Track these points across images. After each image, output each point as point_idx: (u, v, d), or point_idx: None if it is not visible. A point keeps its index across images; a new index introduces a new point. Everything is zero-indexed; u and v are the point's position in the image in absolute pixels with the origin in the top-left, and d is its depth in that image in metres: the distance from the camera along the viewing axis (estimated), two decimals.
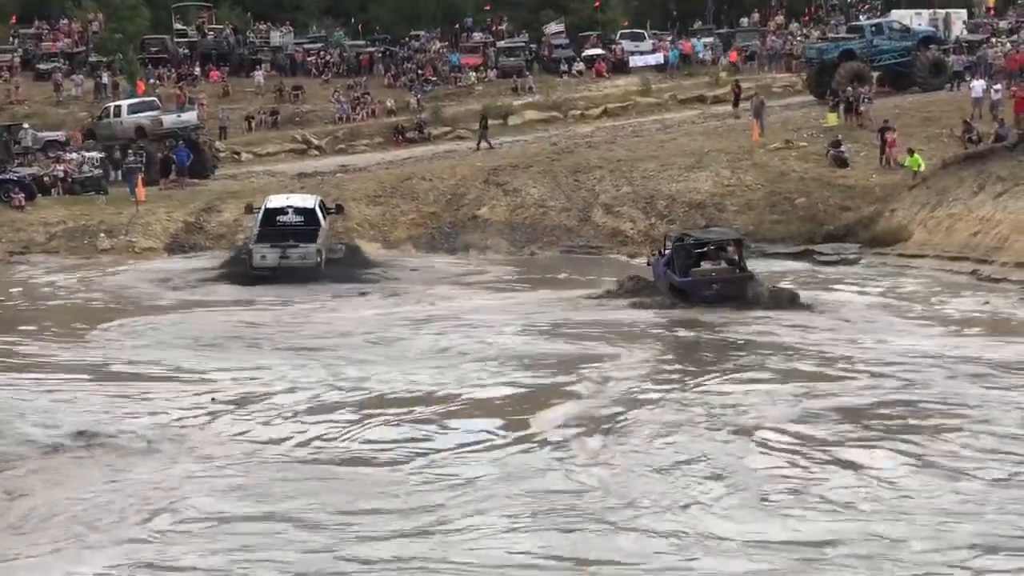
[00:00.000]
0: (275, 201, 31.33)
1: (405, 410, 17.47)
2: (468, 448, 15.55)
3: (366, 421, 16.93)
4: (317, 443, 15.95)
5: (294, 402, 18.08)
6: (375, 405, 17.80)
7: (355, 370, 20.15)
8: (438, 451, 15.43)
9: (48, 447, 15.44)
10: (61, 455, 15.16)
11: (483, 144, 43.96)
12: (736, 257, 25.44)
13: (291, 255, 29.14)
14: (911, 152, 34.24)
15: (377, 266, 31.55)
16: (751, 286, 24.75)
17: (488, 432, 16.25)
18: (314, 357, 21.39)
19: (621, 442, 15.41)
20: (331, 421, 16.98)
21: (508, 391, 18.58)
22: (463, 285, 29.85)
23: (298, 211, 30.37)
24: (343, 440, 16.06)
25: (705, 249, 25.39)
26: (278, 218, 30.23)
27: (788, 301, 24.66)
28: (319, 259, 29.41)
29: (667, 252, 25.89)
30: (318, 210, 30.70)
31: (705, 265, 25.02)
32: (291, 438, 16.17)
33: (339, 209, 32.72)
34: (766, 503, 13.00)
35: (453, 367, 20.33)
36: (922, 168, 33.52)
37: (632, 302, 25.49)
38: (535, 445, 15.54)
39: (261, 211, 30.85)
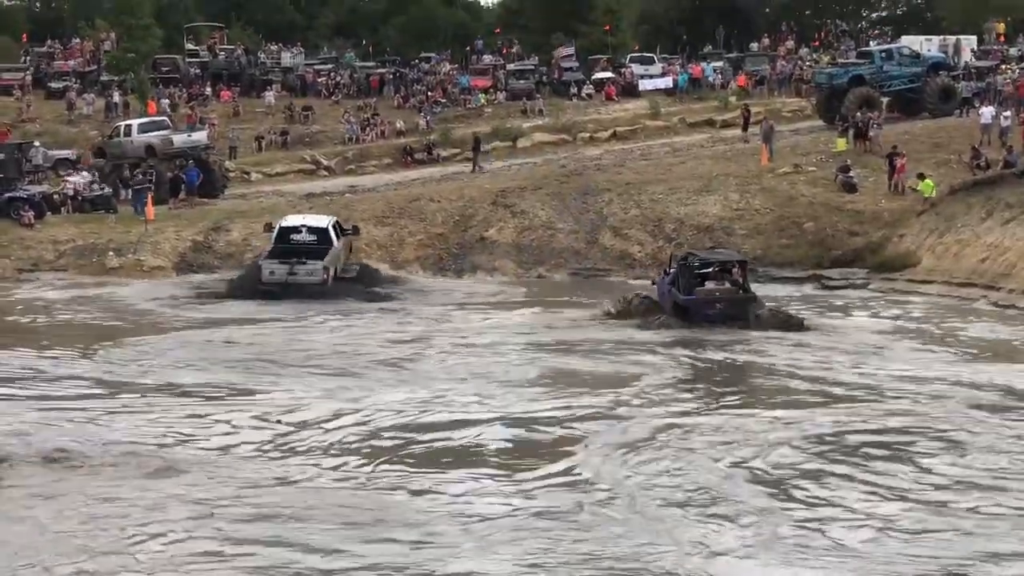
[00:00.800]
0: (290, 220, 32.02)
1: (426, 434, 17.23)
2: (485, 480, 15.15)
3: (389, 446, 16.65)
4: (342, 468, 15.59)
5: (317, 424, 17.71)
6: (395, 430, 17.56)
7: (379, 392, 19.93)
8: (457, 480, 15.04)
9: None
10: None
11: (477, 167, 44.33)
12: (740, 279, 25.76)
13: (298, 271, 29.75)
14: (922, 177, 34.18)
15: (393, 286, 31.76)
16: (753, 308, 25.12)
17: (501, 462, 16.03)
18: (350, 377, 21.23)
19: (642, 471, 15.08)
20: (359, 443, 16.70)
21: (522, 415, 18.36)
22: (479, 306, 29.97)
23: (311, 230, 31.07)
24: (372, 463, 15.73)
25: (709, 270, 25.74)
26: (292, 236, 31.00)
27: (788, 323, 25.00)
28: (326, 276, 29.89)
29: (672, 271, 26.20)
30: (331, 230, 31.24)
31: (709, 285, 25.41)
32: (312, 462, 15.85)
33: (355, 230, 33.22)
34: (785, 544, 12.63)
35: (474, 387, 20.17)
36: (933, 193, 33.47)
37: (639, 322, 25.65)
38: (551, 475, 15.24)
39: (276, 229, 31.52)
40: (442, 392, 19.81)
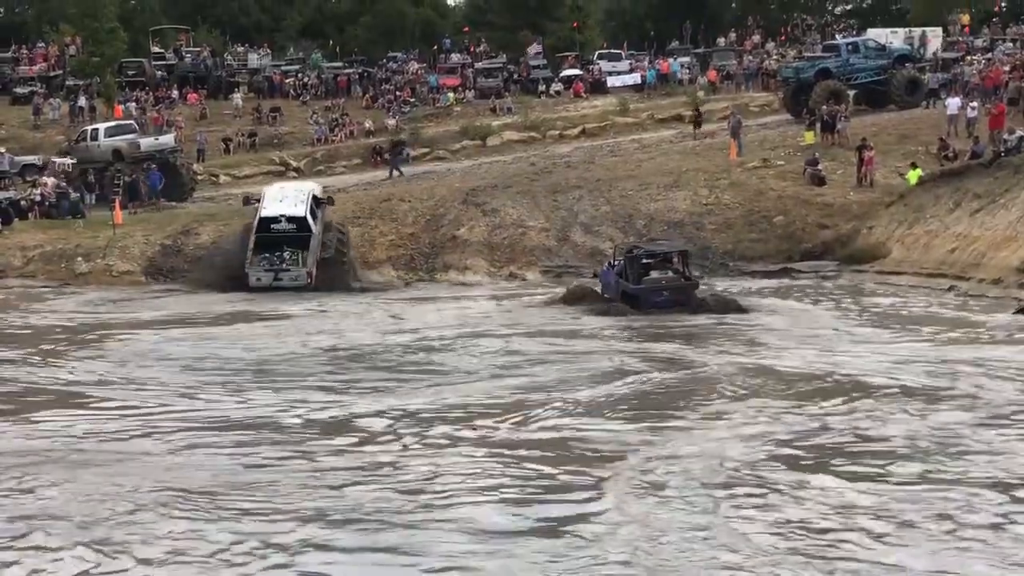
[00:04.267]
0: (269, 208, 32.45)
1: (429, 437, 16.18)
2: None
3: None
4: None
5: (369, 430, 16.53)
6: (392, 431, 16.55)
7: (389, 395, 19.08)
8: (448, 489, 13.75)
9: None
10: None
11: (395, 172, 44.26)
12: (681, 267, 27.26)
13: (283, 277, 31.23)
14: (914, 166, 34.49)
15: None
16: (696, 293, 26.58)
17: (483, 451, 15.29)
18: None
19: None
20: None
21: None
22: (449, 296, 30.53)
23: (290, 219, 31.93)
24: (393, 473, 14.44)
25: (654, 260, 27.22)
26: (272, 226, 31.89)
27: (730, 306, 26.32)
28: (309, 280, 31.15)
29: (617, 263, 27.66)
30: (309, 218, 32.01)
31: (654, 274, 26.85)
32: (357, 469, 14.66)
33: (330, 200, 34.53)
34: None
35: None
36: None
37: (594, 309, 26.77)
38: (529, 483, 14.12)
39: (256, 219, 32.18)
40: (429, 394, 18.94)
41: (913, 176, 33.83)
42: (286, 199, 33.10)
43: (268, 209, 32.43)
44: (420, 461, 14.79)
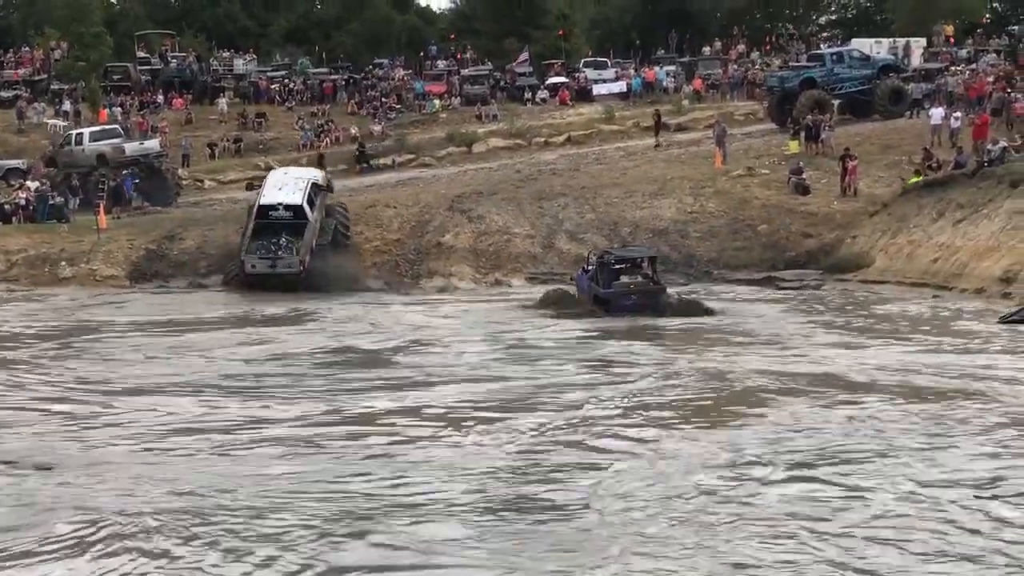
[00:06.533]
0: (268, 196, 33.94)
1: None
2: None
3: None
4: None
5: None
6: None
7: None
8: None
9: None
10: None
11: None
12: (650, 272, 28.25)
13: (278, 265, 32.50)
14: (917, 173, 34.73)
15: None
16: (663, 297, 27.63)
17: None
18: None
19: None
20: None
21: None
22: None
23: (287, 207, 33.31)
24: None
25: (624, 265, 28.19)
26: (270, 213, 33.31)
27: (697, 309, 27.34)
28: (301, 268, 32.35)
29: (591, 268, 28.70)
30: (306, 207, 33.35)
31: (624, 279, 27.83)
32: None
33: (330, 187, 36.72)
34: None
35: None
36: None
37: (569, 312, 27.72)
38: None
39: (255, 206, 33.66)
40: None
41: (912, 182, 34.16)
42: (285, 187, 34.39)
43: (267, 197, 33.97)
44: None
